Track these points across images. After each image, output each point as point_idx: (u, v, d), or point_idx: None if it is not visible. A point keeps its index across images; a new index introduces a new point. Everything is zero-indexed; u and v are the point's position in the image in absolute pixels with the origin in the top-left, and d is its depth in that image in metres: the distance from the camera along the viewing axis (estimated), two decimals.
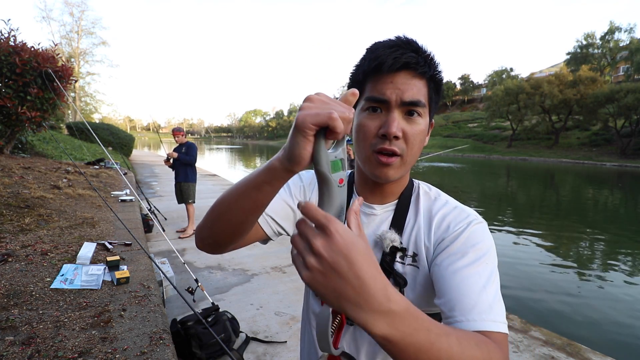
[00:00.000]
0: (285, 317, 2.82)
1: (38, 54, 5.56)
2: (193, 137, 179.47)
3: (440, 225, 0.66)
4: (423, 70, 0.60)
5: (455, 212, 0.67)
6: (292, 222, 0.75)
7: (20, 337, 1.59)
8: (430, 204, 0.70)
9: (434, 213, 0.68)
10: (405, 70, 0.60)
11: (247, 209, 0.55)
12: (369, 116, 0.63)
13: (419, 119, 0.62)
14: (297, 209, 0.72)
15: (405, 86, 0.60)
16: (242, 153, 43.09)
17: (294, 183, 0.79)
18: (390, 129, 0.59)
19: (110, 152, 13.09)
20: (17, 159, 6.01)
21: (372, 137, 0.62)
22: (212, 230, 0.61)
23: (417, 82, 0.61)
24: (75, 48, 35.96)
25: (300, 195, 0.78)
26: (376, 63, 0.60)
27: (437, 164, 28.24)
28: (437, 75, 0.64)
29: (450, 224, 0.65)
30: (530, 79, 39.61)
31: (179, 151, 5.04)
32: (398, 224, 0.69)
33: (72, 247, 2.72)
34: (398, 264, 0.67)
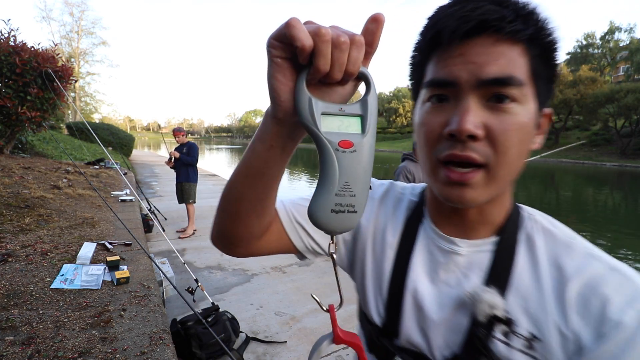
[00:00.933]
0: (285, 317, 2.82)
1: (38, 54, 5.56)
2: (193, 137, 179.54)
3: (588, 301, 0.39)
4: (515, 28, 0.38)
5: (615, 278, 0.39)
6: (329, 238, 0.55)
7: (20, 337, 1.59)
8: (559, 250, 0.44)
9: (570, 271, 0.41)
10: (482, 35, 0.38)
11: (245, 180, 0.44)
12: (432, 109, 0.43)
13: (515, 107, 0.39)
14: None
15: (483, 57, 0.38)
16: (242, 153, 42.96)
17: None
18: (460, 125, 0.38)
19: (110, 152, 13.09)
20: (17, 159, 6.01)
21: (436, 139, 0.42)
22: (220, 220, 0.51)
23: (505, 49, 0.38)
24: (75, 48, 36.01)
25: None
26: (434, 32, 0.41)
27: None
28: (544, 35, 0.40)
29: (613, 306, 0.37)
30: None
31: (180, 151, 5.04)
32: (499, 277, 0.44)
33: (72, 247, 2.71)
34: (499, 343, 0.42)
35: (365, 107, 0.33)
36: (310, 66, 0.31)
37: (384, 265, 0.54)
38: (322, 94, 0.34)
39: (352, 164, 0.32)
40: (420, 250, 0.51)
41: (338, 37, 0.30)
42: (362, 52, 0.31)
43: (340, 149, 0.32)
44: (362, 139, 0.33)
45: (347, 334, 0.38)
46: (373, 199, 0.60)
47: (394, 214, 0.57)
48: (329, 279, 3.61)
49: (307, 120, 0.32)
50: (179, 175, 5.03)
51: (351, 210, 0.33)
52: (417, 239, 0.52)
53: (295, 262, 4.08)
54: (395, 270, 0.52)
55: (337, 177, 0.32)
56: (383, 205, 0.58)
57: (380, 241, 0.56)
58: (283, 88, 0.33)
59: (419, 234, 0.53)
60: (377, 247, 0.56)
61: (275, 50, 0.31)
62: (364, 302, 0.57)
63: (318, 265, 3.99)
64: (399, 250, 0.53)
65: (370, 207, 0.58)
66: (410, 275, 0.51)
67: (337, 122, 0.33)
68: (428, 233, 0.52)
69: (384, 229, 0.56)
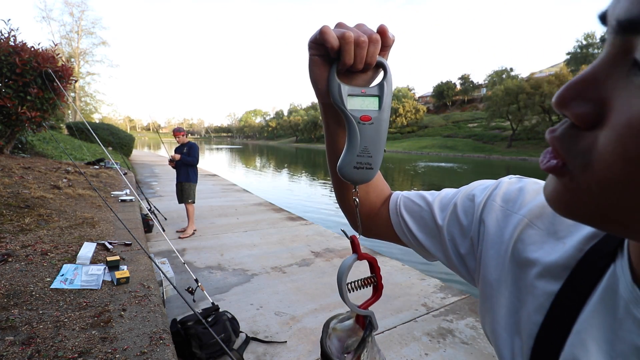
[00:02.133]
0: (285, 317, 2.82)
1: (38, 54, 5.55)
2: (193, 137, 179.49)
3: None
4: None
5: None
6: (438, 243, 0.49)
7: (20, 337, 1.59)
8: None
9: None
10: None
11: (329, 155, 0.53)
12: None
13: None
14: (442, 227, 0.48)
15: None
16: (242, 153, 43.10)
17: (468, 193, 0.48)
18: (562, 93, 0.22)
19: (110, 152, 13.09)
20: (17, 159, 6.01)
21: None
22: (336, 197, 0.59)
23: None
24: (75, 48, 36.01)
25: (464, 217, 0.46)
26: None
27: (437, 164, 28.25)
28: None
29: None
30: (530, 79, 39.61)
31: (181, 151, 5.05)
32: None
33: (72, 247, 2.72)
34: None
35: (382, 89, 0.42)
36: (338, 60, 0.40)
37: (529, 316, 0.36)
38: (349, 79, 0.43)
39: (371, 133, 0.42)
40: (599, 309, 0.30)
41: (358, 37, 0.38)
42: (378, 47, 0.40)
43: (362, 122, 0.41)
44: (378, 114, 0.42)
45: (366, 254, 0.46)
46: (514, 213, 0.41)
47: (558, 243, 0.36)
48: (329, 279, 3.61)
49: (337, 100, 0.41)
50: (179, 175, 5.04)
51: (369, 167, 0.43)
52: (598, 288, 0.31)
53: (295, 262, 4.09)
54: (546, 331, 0.34)
55: (358, 143, 0.42)
56: (533, 228, 0.39)
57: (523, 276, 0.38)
58: (320, 78, 0.42)
59: (602, 282, 0.31)
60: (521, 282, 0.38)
61: (312, 50, 0.41)
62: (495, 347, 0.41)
63: (318, 266, 3.99)
64: (560, 302, 0.33)
65: (503, 225, 0.41)
66: (571, 345, 0.31)
67: (360, 102, 0.42)
68: (620, 287, 0.29)
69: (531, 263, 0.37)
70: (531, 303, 0.36)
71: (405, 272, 3.86)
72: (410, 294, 3.34)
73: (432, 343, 2.54)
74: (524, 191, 0.42)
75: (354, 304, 0.44)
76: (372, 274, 0.48)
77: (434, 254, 0.51)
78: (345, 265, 0.44)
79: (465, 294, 3.39)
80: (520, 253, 0.38)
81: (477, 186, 0.48)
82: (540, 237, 0.38)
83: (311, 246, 4.70)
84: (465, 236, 0.46)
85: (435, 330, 2.70)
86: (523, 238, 0.39)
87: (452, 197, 0.49)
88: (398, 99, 68.22)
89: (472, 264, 0.46)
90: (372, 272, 0.48)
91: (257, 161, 29.61)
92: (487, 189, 0.46)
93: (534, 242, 0.38)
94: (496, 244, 0.41)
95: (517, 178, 0.45)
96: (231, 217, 6.26)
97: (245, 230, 5.40)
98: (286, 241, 4.92)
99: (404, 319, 2.86)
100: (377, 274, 0.48)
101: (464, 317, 2.94)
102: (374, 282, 0.48)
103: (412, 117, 65.19)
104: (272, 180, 16.33)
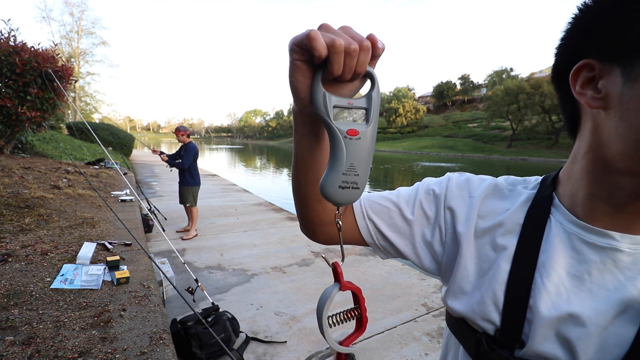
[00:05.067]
0: (285, 317, 2.82)
1: (38, 54, 5.55)
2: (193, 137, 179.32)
3: None
4: None
5: None
6: (407, 238, 0.55)
7: (20, 337, 1.59)
8: None
9: None
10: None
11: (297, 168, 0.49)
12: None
13: None
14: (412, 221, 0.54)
15: None
16: (242, 153, 43.10)
17: (426, 188, 0.57)
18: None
19: (110, 152, 13.09)
20: (17, 159, 6.01)
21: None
22: (296, 207, 0.55)
23: None
24: (75, 48, 35.98)
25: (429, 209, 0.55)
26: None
27: (437, 164, 28.24)
28: None
29: None
30: (530, 79, 39.62)
31: (179, 153, 4.85)
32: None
33: (72, 247, 2.71)
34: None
35: (369, 101, 0.38)
36: (325, 68, 0.36)
37: (497, 268, 0.47)
38: (334, 89, 0.39)
39: (357, 149, 0.38)
40: (557, 246, 0.44)
41: (349, 45, 0.34)
42: (369, 56, 0.36)
43: (348, 136, 0.37)
44: (366, 128, 0.38)
45: (349, 282, 0.44)
46: (472, 197, 0.53)
47: (505, 210, 0.50)
48: (329, 279, 3.58)
49: (322, 112, 0.37)
50: (179, 177, 4.97)
51: (355, 187, 0.39)
52: (548, 234, 0.46)
53: (295, 262, 4.08)
54: (515, 271, 0.45)
55: (344, 160, 0.38)
56: (486, 204, 0.52)
57: (488, 242, 0.50)
58: (302, 85, 0.38)
59: (550, 228, 0.46)
60: (484, 249, 0.50)
61: (296, 54, 0.36)
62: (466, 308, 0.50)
63: (318, 266, 3.99)
64: (520, 247, 0.46)
65: (468, 208, 0.52)
66: (544, 276, 0.44)
67: (346, 114, 0.38)
68: (566, 227, 0.45)
69: (491, 229, 0.50)
70: (499, 258, 0.47)
71: (405, 272, 3.86)
72: (410, 294, 3.34)
73: (432, 343, 2.54)
74: (470, 181, 0.55)
75: (334, 340, 0.41)
76: (355, 305, 0.44)
77: (399, 249, 0.56)
78: (326, 297, 0.41)
79: None
80: (481, 225, 0.51)
81: (429, 182, 0.57)
82: (492, 209, 0.51)
83: (311, 246, 4.70)
84: (433, 224, 0.54)
85: (435, 330, 2.70)
86: (481, 214, 0.51)
87: (414, 194, 0.57)
88: (398, 99, 68.25)
89: (439, 249, 0.54)
90: (356, 304, 0.44)
91: (257, 161, 29.60)
92: (441, 183, 0.56)
93: (488, 213, 0.51)
94: (463, 223, 0.52)
95: (459, 173, 0.57)
96: (231, 217, 6.26)
97: (245, 230, 5.40)
98: (286, 241, 4.92)
99: (404, 319, 2.86)
100: (361, 305, 0.44)
101: None
102: (358, 314, 0.44)
103: (412, 117, 65.18)
104: (272, 180, 16.33)
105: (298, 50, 0.36)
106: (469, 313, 0.49)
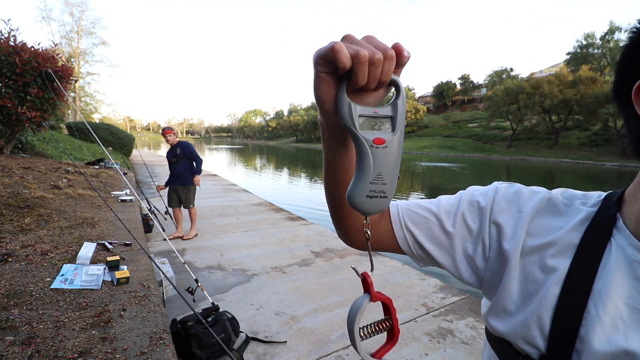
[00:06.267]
0: (285, 317, 2.82)
1: (38, 54, 5.55)
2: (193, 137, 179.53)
3: None
4: None
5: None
6: (446, 251, 0.53)
7: (20, 337, 1.59)
8: None
9: None
10: None
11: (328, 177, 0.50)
12: None
13: None
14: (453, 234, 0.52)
15: None
16: (242, 153, 43.09)
17: (470, 200, 0.53)
18: None
19: (110, 152, 13.09)
20: (17, 159, 6.01)
21: None
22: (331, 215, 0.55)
23: None
24: (75, 48, 35.98)
25: (472, 222, 0.51)
26: None
27: (437, 164, 28.24)
28: None
29: None
30: (530, 79, 39.63)
31: (174, 153, 4.71)
32: None
33: (72, 247, 2.72)
34: None
35: (395, 109, 0.38)
36: (349, 78, 0.36)
37: (546, 291, 0.44)
38: (359, 98, 0.39)
39: (384, 158, 0.38)
40: (617, 274, 0.40)
41: (373, 55, 0.34)
42: (393, 65, 0.36)
43: (375, 145, 0.37)
44: (392, 136, 0.38)
45: (380, 294, 0.43)
46: (521, 212, 0.48)
47: (559, 229, 0.46)
48: (329, 279, 3.61)
49: (347, 121, 0.37)
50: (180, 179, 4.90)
51: (383, 196, 0.39)
52: (607, 259, 0.42)
53: (295, 262, 4.09)
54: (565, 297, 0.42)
55: (371, 169, 0.38)
56: (537, 220, 0.47)
57: (537, 262, 0.46)
58: (326, 97, 0.38)
59: (610, 253, 0.42)
60: (531, 269, 0.46)
61: (320, 66, 0.36)
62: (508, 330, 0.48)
63: (318, 266, 3.99)
64: (573, 271, 0.42)
65: (516, 224, 0.48)
66: (599, 305, 0.40)
67: (372, 123, 0.38)
68: (629, 252, 0.40)
69: (540, 249, 0.46)
70: (548, 280, 0.44)
71: (405, 272, 3.86)
72: (410, 294, 3.34)
73: (432, 343, 2.54)
74: (520, 194, 0.50)
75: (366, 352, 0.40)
76: (386, 316, 0.43)
77: (438, 260, 0.54)
78: (357, 308, 0.40)
79: (465, 294, 3.39)
80: (530, 243, 0.46)
81: (474, 192, 0.54)
82: (543, 227, 0.47)
83: (311, 246, 4.70)
84: (475, 238, 0.51)
85: (435, 330, 2.70)
86: (530, 231, 0.47)
87: (456, 205, 0.53)
88: None
89: (481, 264, 0.51)
90: (387, 314, 0.43)
91: (257, 161, 29.60)
92: (488, 194, 0.52)
93: (539, 231, 0.47)
94: (510, 239, 0.48)
95: (508, 184, 0.53)
96: (231, 217, 6.26)
97: (245, 230, 5.40)
98: (286, 241, 4.92)
99: (404, 319, 2.86)
100: (392, 316, 0.43)
101: (464, 317, 2.94)
102: (389, 326, 0.43)
103: (412, 117, 65.17)
104: (272, 180, 16.33)
105: (322, 63, 0.36)
106: (511, 335, 0.46)
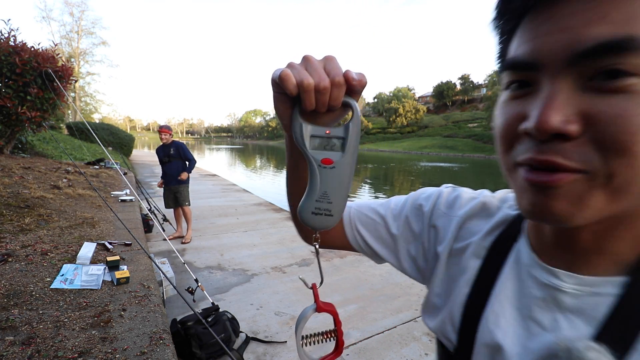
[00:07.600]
0: (285, 317, 2.82)
1: (38, 54, 5.55)
2: (193, 137, 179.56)
3: None
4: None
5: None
6: (392, 251, 0.56)
7: (20, 337, 1.59)
8: None
9: None
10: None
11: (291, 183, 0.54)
12: (510, 99, 0.34)
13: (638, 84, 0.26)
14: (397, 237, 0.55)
15: (583, 16, 0.27)
16: (242, 153, 43.09)
17: (415, 203, 0.56)
18: (540, 119, 0.28)
19: (110, 152, 13.09)
20: (17, 159, 6.01)
21: (512, 138, 0.33)
22: (291, 216, 0.59)
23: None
24: (75, 48, 36.02)
25: (415, 225, 0.54)
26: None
27: (437, 164, 28.25)
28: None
29: None
30: None
31: (168, 152, 4.67)
32: (622, 334, 0.31)
33: (72, 247, 2.72)
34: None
35: (347, 131, 0.39)
36: (301, 101, 0.37)
37: (459, 290, 0.47)
38: (314, 118, 0.40)
39: (331, 178, 0.39)
40: (509, 275, 0.42)
41: (319, 84, 0.35)
42: (343, 90, 0.36)
43: (322, 165, 0.39)
44: (341, 157, 0.39)
45: (326, 304, 0.45)
46: (455, 217, 0.51)
47: (479, 232, 0.48)
48: (329, 280, 3.61)
49: (299, 141, 0.39)
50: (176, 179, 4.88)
51: (328, 214, 0.40)
52: (507, 261, 0.43)
53: (295, 262, 4.09)
54: (472, 296, 0.45)
55: (318, 187, 0.39)
56: (467, 224, 0.50)
57: (456, 263, 0.49)
58: (284, 114, 0.40)
59: (510, 257, 0.43)
60: (452, 269, 0.49)
61: (274, 87, 0.38)
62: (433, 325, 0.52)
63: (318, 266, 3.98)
64: (481, 272, 0.45)
65: (449, 227, 0.50)
66: (491, 303, 0.42)
67: (324, 143, 0.39)
68: (522, 257, 0.41)
69: (462, 250, 0.49)
70: (461, 280, 0.47)
71: None
72: (410, 294, 3.34)
73: (432, 343, 2.54)
74: (459, 198, 0.52)
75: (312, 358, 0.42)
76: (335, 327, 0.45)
77: (385, 259, 0.58)
78: (302, 317, 0.42)
79: None
80: (455, 245, 0.50)
81: (420, 195, 0.56)
82: (470, 230, 0.49)
83: (311, 246, 4.69)
84: (417, 240, 0.54)
85: None
86: (459, 234, 0.50)
87: (402, 208, 0.56)
88: (398, 99, 68.33)
89: (422, 264, 0.54)
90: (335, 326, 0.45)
91: (257, 161, 29.60)
92: (431, 198, 0.54)
93: (465, 234, 0.49)
94: (442, 242, 0.51)
95: (452, 188, 0.55)
96: (231, 217, 6.26)
97: (245, 230, 5.40)
98: (286, 241, 4.92)
99: (404, 319, 2.86)
100: (337, 328, 0.44)
101: None
102: (334, 336, 0.45)
103: (412, 117, 65.21)
104: (272, 180, 16.33)
105: (275, 85, 0.38)
106: (436, 330, 0.50)
